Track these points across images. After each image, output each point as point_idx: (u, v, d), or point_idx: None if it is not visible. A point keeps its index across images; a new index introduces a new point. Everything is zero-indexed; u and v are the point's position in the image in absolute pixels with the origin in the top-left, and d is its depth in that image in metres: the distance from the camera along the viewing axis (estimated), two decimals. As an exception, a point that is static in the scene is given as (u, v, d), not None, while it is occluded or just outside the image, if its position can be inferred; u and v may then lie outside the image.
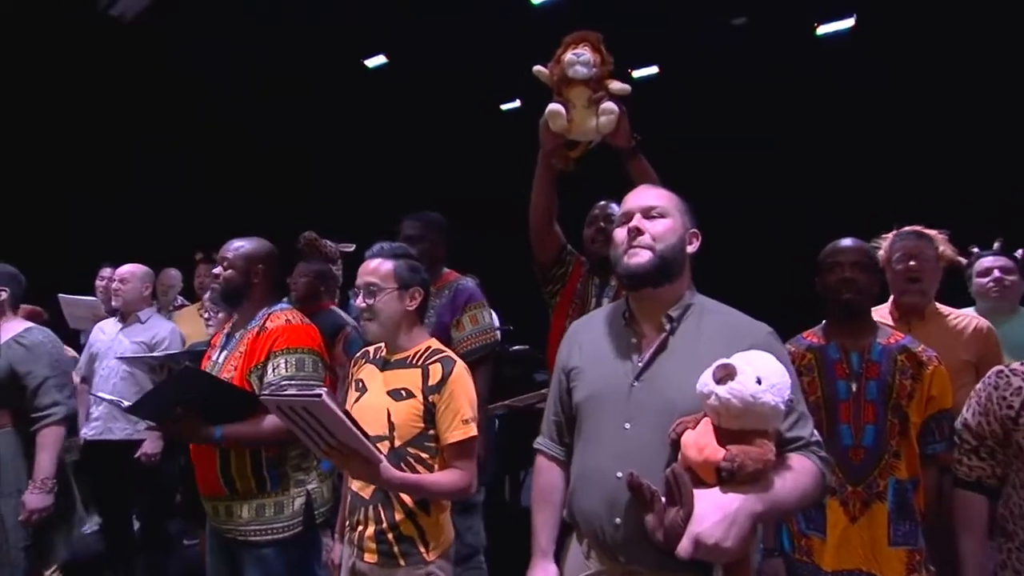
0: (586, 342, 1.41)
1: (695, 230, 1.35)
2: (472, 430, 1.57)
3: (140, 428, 2.86)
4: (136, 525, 3.14)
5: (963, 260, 2.56)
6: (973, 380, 2.02)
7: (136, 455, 2.85)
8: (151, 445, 2.85)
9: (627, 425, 1.25)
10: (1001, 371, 1.55)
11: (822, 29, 5.98)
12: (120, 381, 2.92)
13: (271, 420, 1.73)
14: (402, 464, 1.54)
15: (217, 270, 1.94)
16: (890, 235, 2.20)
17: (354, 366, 1.77)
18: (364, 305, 1.61)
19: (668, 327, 1.28)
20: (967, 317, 2.16)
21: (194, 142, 6.82)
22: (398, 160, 8.49)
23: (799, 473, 1.14)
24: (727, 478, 1.06)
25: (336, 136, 8.09)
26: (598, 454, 1.28)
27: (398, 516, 1.56)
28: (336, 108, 7.82)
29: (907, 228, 2.18)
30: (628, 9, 5.46)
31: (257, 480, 1.82)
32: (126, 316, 3.09)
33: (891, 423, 1.70)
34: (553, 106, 1.65)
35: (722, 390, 1.07)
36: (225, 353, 1.93)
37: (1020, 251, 2.68)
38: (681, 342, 1.28)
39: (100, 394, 2.76)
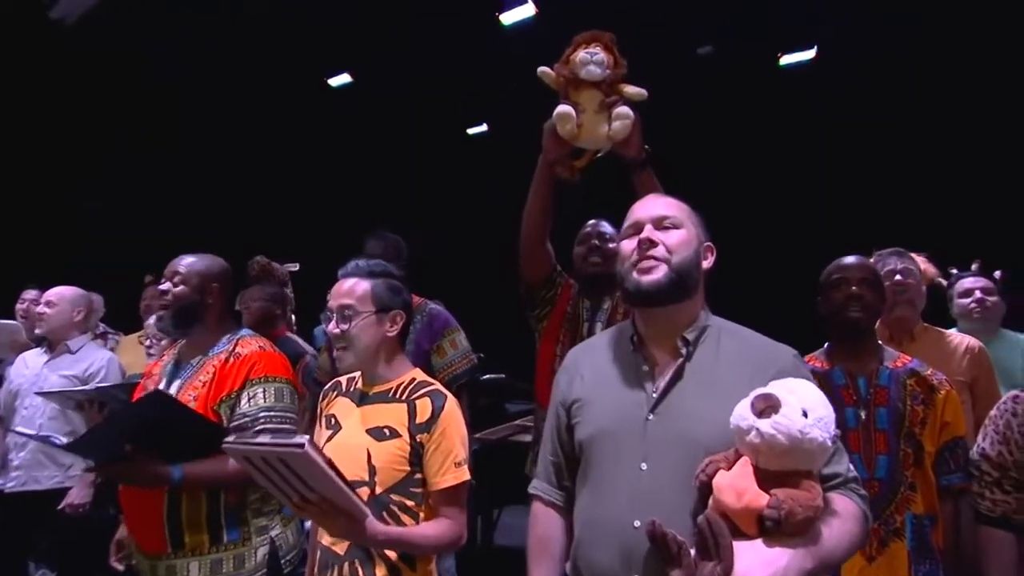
0: (589, 371, 1.24)
1: (710, 244, 1.22)
2: (465, 474, 1.38)
3: (72, 474, 2.51)
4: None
5: (944, 280, 2.56)
6: (968, 401, 1.97)
7: (59, 507, 2.46)
8: (79, 494, 2.47)
9: (643, 465, 1.08)
10: (1017, 396, 1.46)
11: (785, 59, 6.15)
12: (48, 421, 2.53)
13: None
14: (384, 514, 1.33)
15: (166, 286, 1.70)
16: (872, 258, 2.16)
17: (323, 400, 1.55)
18: (338, 331, 1.40)
19: (684, 351, 1.13)
20: (957, 336, 2.16)
21: (141, 158, 6.47)
22: (359, 181, 8.28)
23: (845, 519, 0.99)
24: (772, 528, 0.90)
25: (296, 155, 7.84)
26: (610, 500, 1.11)
27: (379, 573, 1.34)
28: (297, 126, 7.58)
29: (887, 249, 2.19)
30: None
31: (212, 531, 1.58)
32: (53, 345, 2.72)
33: (904, 453, 1.60)
34: (563, 108, 1.48)
35: (765, 424, 0.91)
36: (179, 383, 1.68)
37: (998, 272, 2.69)
38: (699, 369, 1.13)
39: (20, 429, 2.40)
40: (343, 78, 7.30)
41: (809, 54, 6.05)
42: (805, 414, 0.92)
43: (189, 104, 6.60)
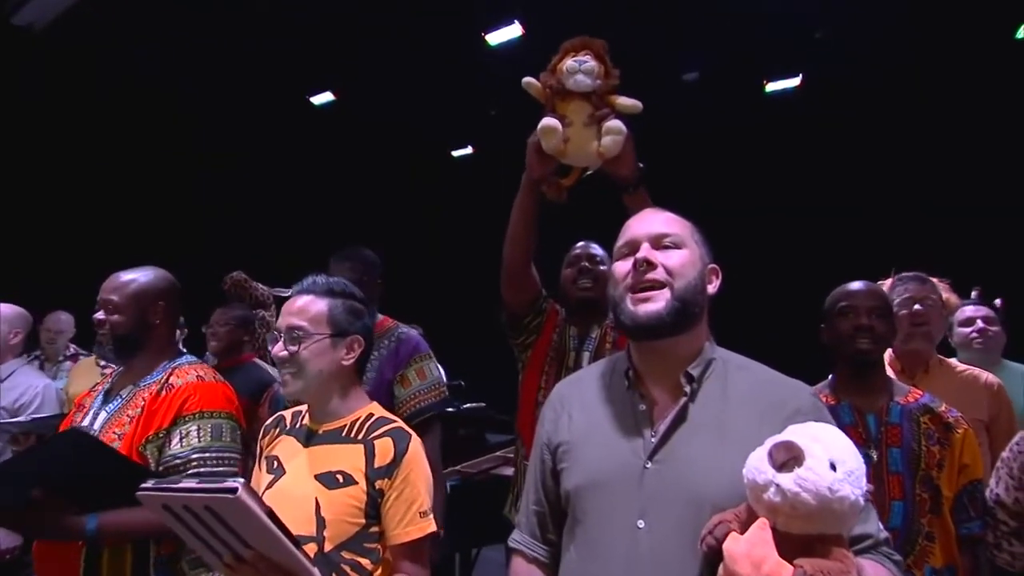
0: (578, 410, 1.09)
1: (715, 265, 1.08)
2: (431, 525, 1.22)
3: None
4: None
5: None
6: (984, 442, 1.85)
7: None
8: (6, 539, 2.23)
9: (640, 523, 0.93)
10: None
11: (771, 86, 6.17)
12: None
13: None
14: (333, 574, 1.15)
15: (100, 315, 1.51)
16: (889, 280, 2.05)
17: (263, 437, 1.37)
18: (285, 353, 1.23)
19: (687, 390, 0.99)
20: (974, 371, 2.00)
21: (117, 172, 6.28)
22: (341, 202, 8.13)
23: None
24: (797, 606, 0.76)
25: (277, 174, 7.69)
26: (602, 563, 0.95)
27: None
28: (279, 144, 7.45)
29: (908, 273, 2.03)
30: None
31: None
32: None
33: (921, 498, 1.46)
34: (547, 120, 1.35)
35: (787, 480, 0.77)
36: (104, 416, 1.48)
37: (998, 300, 2.62)
38: (705, 409, 0.98)
39: None
40: (326, 96, 7.20)
41: (795, 81, 6.09)
42: (833, 467, 0.78)
43: (169, 121, 6.45)
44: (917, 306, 1.92)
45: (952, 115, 5.48)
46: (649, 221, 1.07)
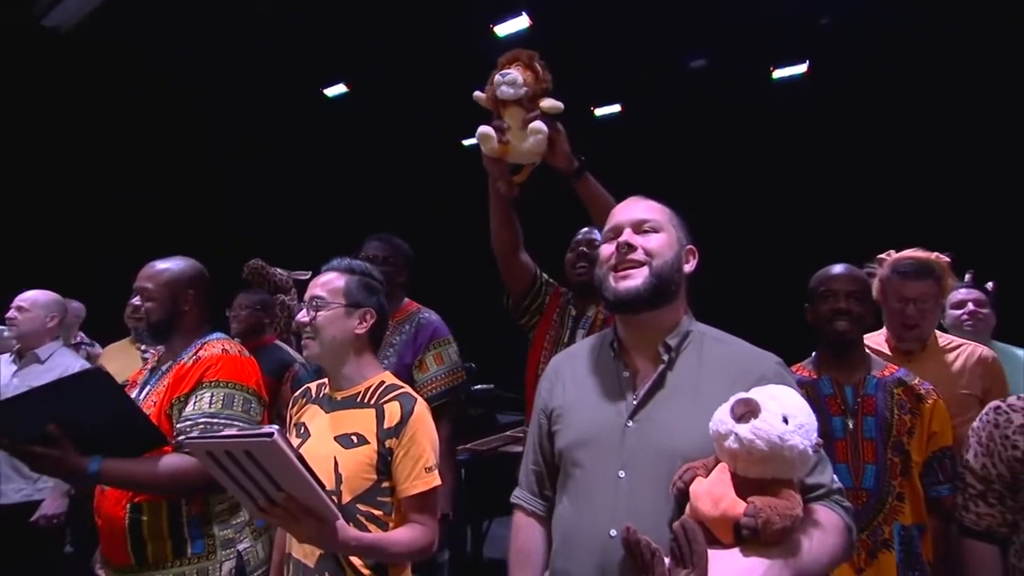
0: (570, 378, 1.22)
1: (692, 247, 1.20)
2: (435, 479, 1.36)
3: (40, 487, 2.42)
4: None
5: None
6: (977, 415, 1.92)
7: (33, 518, 2.38)
8: (52, 504, 2.39)
9: (621, 474, 1.06)
10: (999, 407, 1.43)
11: (777, 73, 6.21)
12: None
13: (170, 462, 1.44)
14: (351, 524, 1.29)
15: (136, 301, 1.65)
16: (887, 259, 1.97)
17: (293, 407, 1.53)
18: (305, 320, 1.41)
19: (665, 358, 1.11)
20: (969, 346, 2.01)
21: (139, 165, 6.46)
22: (356, 190, 8.28)
23: (827, 530, 0.97)
24: (748, 537, 0.88)
25: (292, 165, 7.84)
26: (588, 509, 1.08)
27: None
28: (294, 136, 7.59)
29: (906, 257, 1.93)
30: (592, 45, 5.52)
31: (175, 543, 1.52)
32: (23, 353, 2.61)
33: (892, 462, 1.59)
34: (482, 128, 1.55)
35: (744, 429, 0.89)
36: (148, 389, 1.64)
37: (990, 283, 2.69)
38: (681, 376, 1.11)
39: None
40: (339, 88, 7.35)
41: (801, 68, 6.10)
42: (786, 420, 0.90)
43: (184, 114, 6.60)
44: (910, 308, 1.88)
45: (954, 102, 5.49)
46: (632, 209, 1.20)
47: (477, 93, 1.57)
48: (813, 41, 5.65)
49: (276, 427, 1.03)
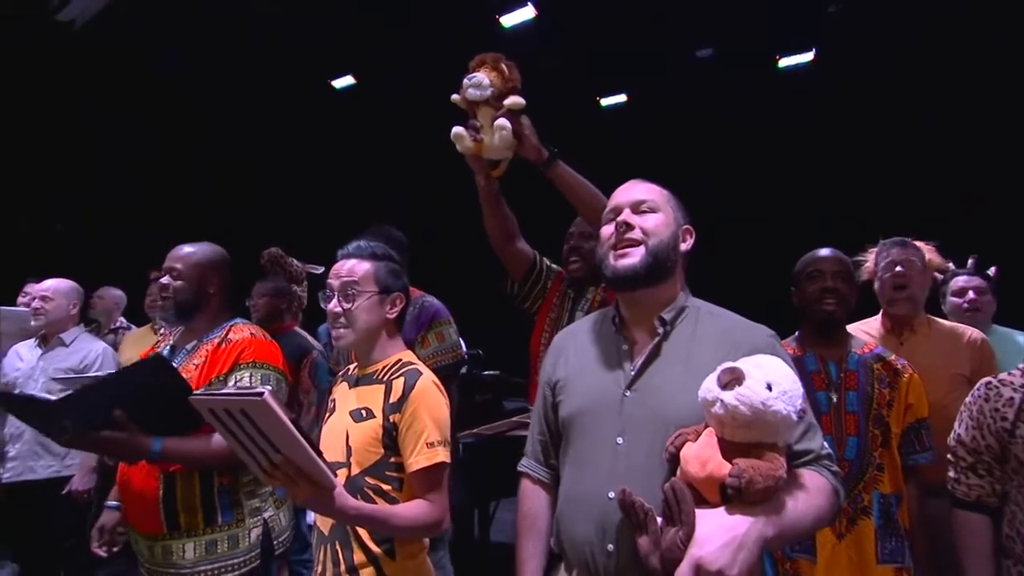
0: (572, 352, 1.29)
1: (688, 226, 1.26)
2: (439, 455, 1.35)
3: (68, 463, 2.55)
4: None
5: (951, 266, 2.55)
6: (967, 394, 1.97)
7: (64, 492, 2.50)
8: (81, 480, 2.52)
9: (619, 440, 1.12)
10: (989, 382, 1.49)
11: (784, 62, 6.19)
12: None
13: (220, 439, 1.52)
14: (358, 496, 1.32)
15: (165, 280, 1.74)
16: (875, 248, 2.16)
17: (336, 386, 1.58)
18: (339, 309, 1.41)
19: (661, 331, 1.17)
20: (960, 328, 2.10)
21: (151, 157, 6.56)
22: (363, 181, 8.35)
23: (812, 492, 1.02)
24: (734, 496, 0.94)
25: (301, 156, 7.93)
26: (588, 474, 1.15)
27: (357, 558, 1.34)
28: (302, 128, 7.67)
29: (893, 238, 2.13)
30: (596, 36, 5.53)
31: (207, 512, 1.62)
32: (48, 338, 2.76)
33: (873, 434, 1.67)
34: (455, 129, 1.66)
35: (729, 396, 0.95)
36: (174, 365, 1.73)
37: (992, 269, 2.71)
38: (676, 347, 1.17)
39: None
40: (347, 80, 7.41)
41: (808, 56, 6.09)
42: (769, 387, 0.95)
43: (193, 106, 6.69)
44: (898, 268, 2.02)
45: (956, 90, 5.47)
46: (631, 190, 1.26)
47: (454, 96, 1.67)
48: (820, 28, 5.63)
49: (269, 387, 1.08)
